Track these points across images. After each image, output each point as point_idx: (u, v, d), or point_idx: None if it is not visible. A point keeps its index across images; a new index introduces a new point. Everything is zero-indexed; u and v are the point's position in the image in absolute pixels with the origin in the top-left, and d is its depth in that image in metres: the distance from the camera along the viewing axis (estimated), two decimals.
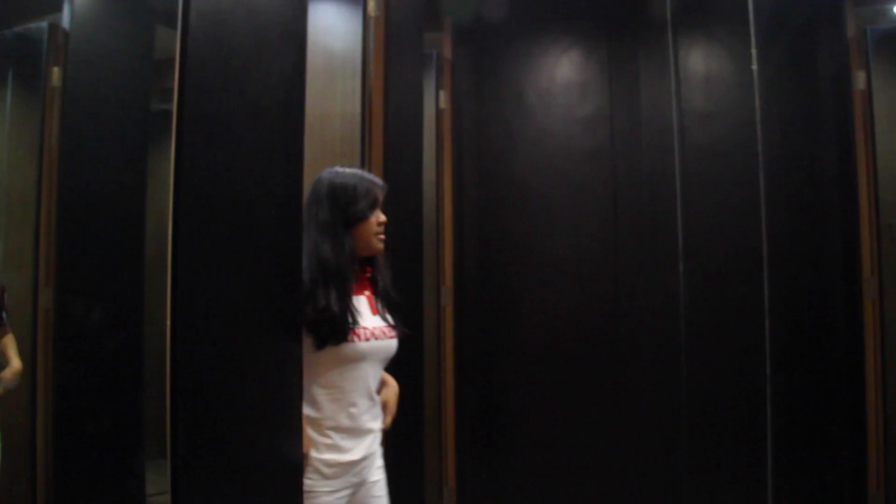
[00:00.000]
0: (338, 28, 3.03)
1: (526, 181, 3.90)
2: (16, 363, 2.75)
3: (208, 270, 1.51)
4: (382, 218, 2.03)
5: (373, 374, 2.00)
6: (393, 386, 2.13)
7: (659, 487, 3.62)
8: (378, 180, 2.06)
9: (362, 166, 2.75)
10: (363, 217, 1.98)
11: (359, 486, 1.98)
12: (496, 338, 3.83)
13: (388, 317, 2.06)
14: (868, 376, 3.46)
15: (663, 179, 3.63)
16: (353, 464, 1.94)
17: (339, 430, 1.92)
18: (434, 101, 3.70)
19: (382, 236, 2.04)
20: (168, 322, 1.42)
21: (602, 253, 3.81)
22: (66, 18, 2.96)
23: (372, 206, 2.01)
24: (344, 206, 1.97)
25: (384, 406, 2.08)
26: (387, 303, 2.09)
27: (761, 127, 3.38)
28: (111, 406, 2.92)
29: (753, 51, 3.32)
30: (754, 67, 3.33)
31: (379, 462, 2.07)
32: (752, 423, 3.31)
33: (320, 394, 1.90)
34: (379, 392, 2.06)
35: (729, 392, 3.51)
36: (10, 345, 2.78)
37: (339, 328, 1.87)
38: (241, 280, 1.60)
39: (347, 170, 2.05)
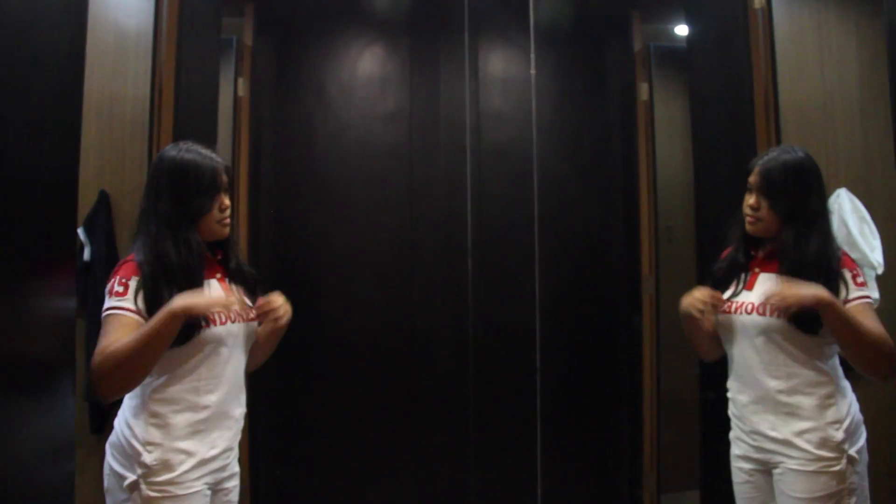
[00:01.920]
0: (131, 4, 2.86)
1: (324, 174, 3.87)
2: None
3: None
4: (227, 203, 1.90)
5: (236, 357, 1.90)
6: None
7: (448, 475, 3.72)
8: (220, 160, 1.90)
9: (155, 149, 2.62)
10: (207, 210, 1.84)
11: (215, 486, 1.85)
12: (292, 331, 3.77)
13: (245, 298, 1.97)
14: (645, 364, 3.74)
15: (458, 177, 3.72)
16: (215, 458, 1.82)
17: (202, 421, 1.80)
18: (232, 88, 3.58)
19: (227, 221, 1.91)
20: None
21: (399, 248, 3.85)
22: None
23: (215, 196, 1.86)
24: (187, 199, 1.81)
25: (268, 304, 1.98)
26: (242, 281, 1.99)
27: (538, 130, 3.54)
28: None
29: (532, 55, 3.48)
30: (532, 72, 3.49)
31: (236, 468, 1.95)
32: (535, 411, 3.48)
33: (181, 389, 1.77)
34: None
35: (512, 382, 3.67)
36: None
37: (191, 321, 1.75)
38: (3, 277, 1.48)
39: (187, 154, 1.85)
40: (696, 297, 2.03)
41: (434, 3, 3.89)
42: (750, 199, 2.03)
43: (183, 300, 1.68)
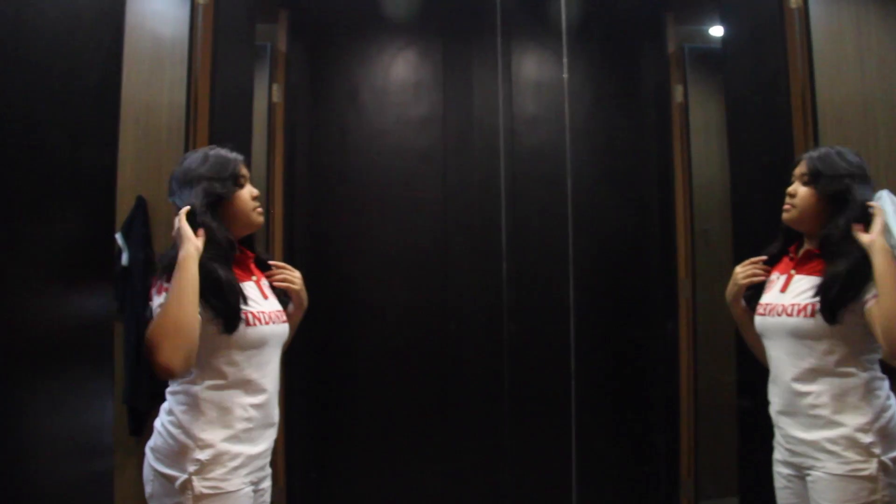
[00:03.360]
0: (167, 13, 2.91)
1: (358, 179, 3.89)
2: None
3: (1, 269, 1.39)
4: (255, 192, 1.94)
5: (277, 358, 1.94)
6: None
7: (483, 480, 3.71)
8: (238, 155, 1.94)
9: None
10: (231, 193, 1.87)
11: (256, 486, 1.87)
12: (326, 335, 3.81)
13: (278, 301, 2.01)
14: (681, 368, 3.69)
15: (492, 181, 3.72)
16: (259, 456, 1.85)
17: (249, 419, 1.82)
18: (267, 94, 3.62)
19: (261, 209, 1.95)
20: None
21: (433, 252, 3.85)
22: None
23: (237, 178, 1.89)
24: (212, 185, 1.85)
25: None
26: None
27: (572, 133, 3.52)
28: None
29: (564, 59, 3.47)
30: (565, 76, 3.48)
31: (269, 468, 1.97)
32: (570, 416, 3.47)
33: (229, 388, 1.80)
34: None
35: (546, 386, 3.66)
36: None
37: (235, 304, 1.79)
38: (40, 282, 1.50)
39: (208, 149, 1.93)
40: (735, 272, 2.13)
41: (467, 8, 3.90)
42: (789, 188, 2.03)
43: (187, 239, 1.75)
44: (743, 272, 2.13)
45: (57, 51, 1.52)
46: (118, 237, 2.86)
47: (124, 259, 2.88)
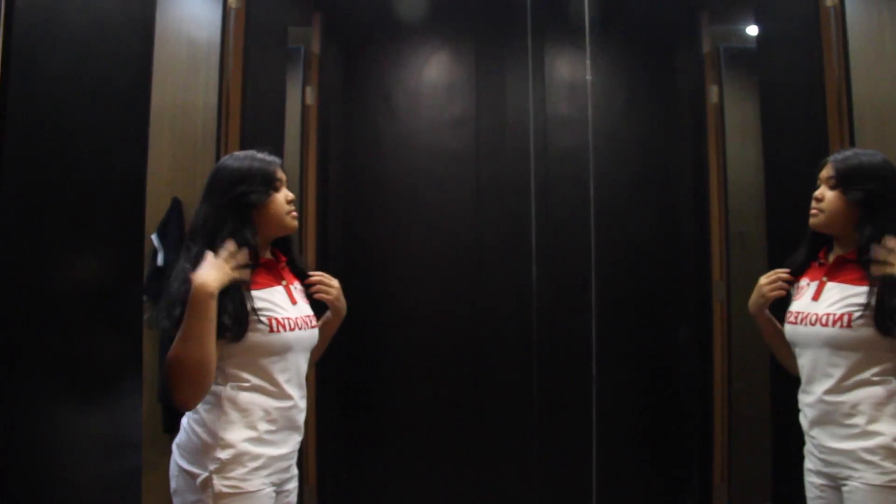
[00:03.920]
0: (202, 17, 2.96)
1: (391, 180, 3.91)
2: None
3: (35, 271, 1.42)
4: (291, 196, 1.93)
5: (302, 363, 1.94)
6: None
7: (512, 482, 3.70)
8: (274, 159, 1.93)
9: (216, 160, 2.70)
10: (263, 199, 1.86)
11: (279, 487, 1.89)
12: (358, 335, 3.83)
13: (308, 306, 2.01)
14: (715, 374, 3.64)
15: (525, 182, 3.71)
16: (281, 458, 1.86)
17: (272, 422, 1.83)
18: (301, 96, 3.66)
19: (295, 213, 1.94)
20: None
21: (465, 254, 3.85)
22: None
23: (270, 183, 1.88)
24: (244, 191, 1.84)
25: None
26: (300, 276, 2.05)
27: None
28: None
29: (587, 61, 3.45)
30: (588, 77, 3.45)
31: (296, 469, 1.98)
32: (593, 420, 3.45)
33: (253, 391, 1.81)
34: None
35: (575, 390, 3.63)
36: None
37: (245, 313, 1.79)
38: (73, 283, 1.53)
39: (241, 155, 1.92)
40: (761, 285, 2.07)
41: (499, 9, 3.89)
42: (816, 193, 1.98)
43: (200, 277, 1.69)
44: (770, 285, 2.08)
45: (87, 58, 1.55)
46: (154, 238, 2.91)
47: (160, 259, 2.93)
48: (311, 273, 2.09)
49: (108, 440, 1.67)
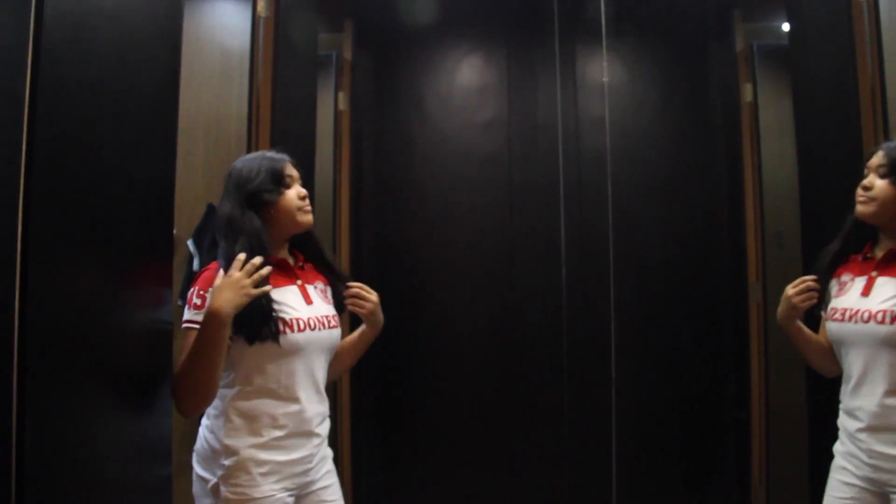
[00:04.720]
0: (235, 26, 3.00)
1: (424, 185, 3.93)
2: None
3: (66, 281, 1.45)
4: (303, 192, 1.93)
5: (316, 365, 1.91)
6: None
7: (544, 483, 3.69)
8: (285, 156, 1.96)
9: None
10: (275, 197, 1.88)
11: (301, 492, 1.88)
12: (392, 339, 3.84)
13: (328, 306, 1.99)
14: (752, 376, 3.59)
15: (556, 185, 3.70)
16: (293, 464, 1.84)
17: (280, 427, 1.82)
18: (333, 102, 3.70)
19: (309, 207, 1.94)
20: (15, 336, 1.27)
21: (497, 256, 3.86)
22: None
23: (280, 180, 1.90)
24: (255, 190, 1.87)
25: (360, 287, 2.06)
26: (332, 277, 2.05)
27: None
28: None
29: (604, 63, 3.43)
30: (605, 80, 3.44)
31: (329, 466, 1.97)
32: (612, 423, 3.43)
33: (259, 395, 1.82)
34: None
35: (603, 392, 3.62)
36: None
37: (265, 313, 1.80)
38: (103, 291, 1.56)
39: (251, 156, 1.97)
40: (788, 296, 1.99)
41: (531, 12, 3.89)
42: (864, 181, 1.90)
43: (215, 301, 1.70)
44: (799, 296, 1.99)
45: (114, 69, 1.58)
46: (190, 243, 2.96)
47: (195, 264, 2.98)
48: (350, 284, 2.07)
49: (139, 449, 1.69)
